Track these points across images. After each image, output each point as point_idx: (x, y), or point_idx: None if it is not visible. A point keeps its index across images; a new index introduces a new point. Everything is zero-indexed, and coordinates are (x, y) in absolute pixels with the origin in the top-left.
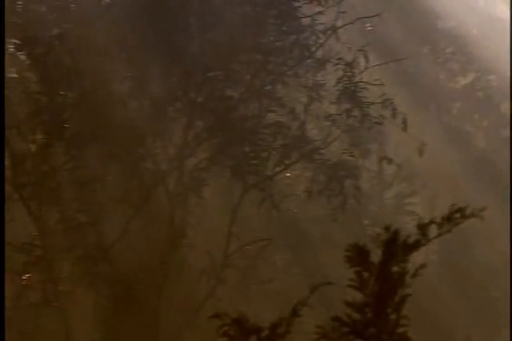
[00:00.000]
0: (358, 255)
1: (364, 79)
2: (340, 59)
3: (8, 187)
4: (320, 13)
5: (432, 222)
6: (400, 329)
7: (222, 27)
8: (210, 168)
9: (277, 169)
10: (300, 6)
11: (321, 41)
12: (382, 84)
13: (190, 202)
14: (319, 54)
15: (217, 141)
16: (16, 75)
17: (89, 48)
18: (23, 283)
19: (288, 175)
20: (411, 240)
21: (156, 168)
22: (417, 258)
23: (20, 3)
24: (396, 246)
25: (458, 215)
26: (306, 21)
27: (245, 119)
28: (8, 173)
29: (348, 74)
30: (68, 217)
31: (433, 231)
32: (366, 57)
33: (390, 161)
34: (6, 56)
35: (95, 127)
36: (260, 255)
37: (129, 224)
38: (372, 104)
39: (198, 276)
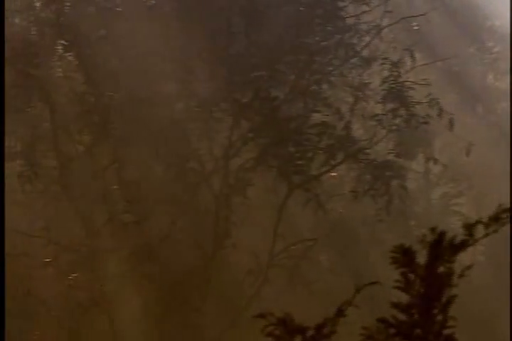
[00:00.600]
0: (404, 256)
1: (410, 79)
2: (385, 58)
3: (56, 188)
4: (365, 12)
5: (478, 222)
6: (447, 331)
7: (267, 27)
8: (255, 168)
9: (323, 169)
10: (345, 6)
11: (366, 40)
12: (428, 84)
13: (235, 202)
14: (365, 53)
15: (263, 141)
16: (63, 76)
17: (136, 49)
18: (70, 282)
19: (333, 175)
20: (457, 240)
21: (202, 168)
22: (463, 258)
23: (68, 4)
24: (442, 248)
25: (505, 215)
26: (351, 21)
27: (290, 119)
28: (55, 173)
29: (394, 73)
30: (115, 217)
31: (480, 231)
32: (412, 57)
33: (436, 161)
34: (55, 57)
35: (141, 128)
36: (306, 255)
37: (174, 224)
38: (419, 103)
39: (243, 276)
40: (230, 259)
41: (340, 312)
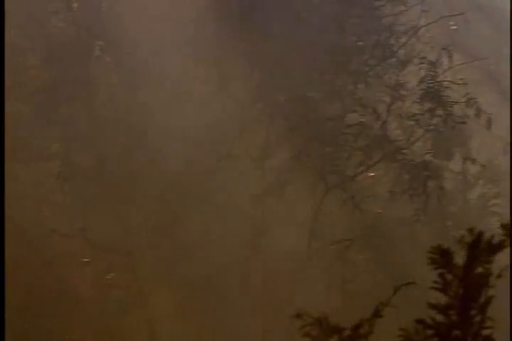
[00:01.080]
0: (441, 257)
1: (448, 79)
2: (423, 58)
3: (93, 188)
4: (402, 12)
5: None
6: (485, 332)
7: (304, 27)
8: (291, 168)
9: (359, 169)
10: (382, 5)
11: (403, 40)
12: (466, 84)
13: (271, 203)
14: (401, 53)
15: (299, 141)
16: (99, 77)
17: (171, 50)
18: (108, 282)
19: (370, 175)
20: (495, 241)
21: (238, 169)
22: (501, 259)
23: (105, 5)
24: (480, 248)
25: None
26: (387, 20)
27: (327, 119)
28: (92, 174)
29: (432, 73)
30: (151, 217)
31: None
32: (450, 56)
33: (473, 161)
34: (92, 58)
35: (178, 128)
36: (342, 255)
37: (211, 225)
38: (456, 103)
39: (279, 276)
40: (266, 259)
41: (376, 313)
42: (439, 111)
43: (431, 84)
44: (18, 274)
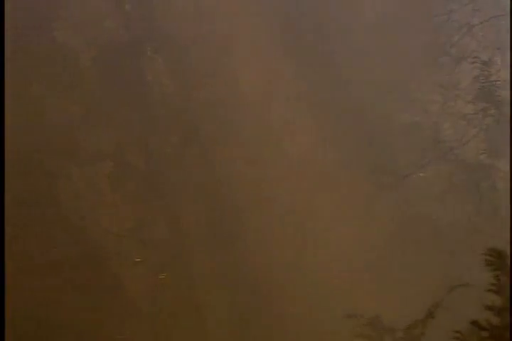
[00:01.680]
0: (497, 259)
1: (501, 78)
2: (476, 57)
3: (145, 188)
4: (454, 10)
5: None
6: None
7: (354, 27)
8: (342, 168)
9: (411, 169)
10: (434, 5)
11: (455, 39)
12: None
13: (322, 202)
14: (454, 52)
15: (350, 141)
16: (152, 78)
17: (223, 50)
18: (160, 282)
19: (422, 175)
20: None
21: (288, 169)
22: None
23: (157, 6)
24: None
25: None
26: (440, 19)
27: (379, 119)
28: (145, 174)
29: (485, 72)
30: (202, 217)
31: None
32: (503, 56)
33: None
34: (144, 59)
35: (229, 128)
36: (394, 256)
37: (262, 223)
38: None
39: (331, 277)
40: (318, 259)
41: (429, 314)
42: (492, 111)
43: (484, 84)
44: (74, 273)
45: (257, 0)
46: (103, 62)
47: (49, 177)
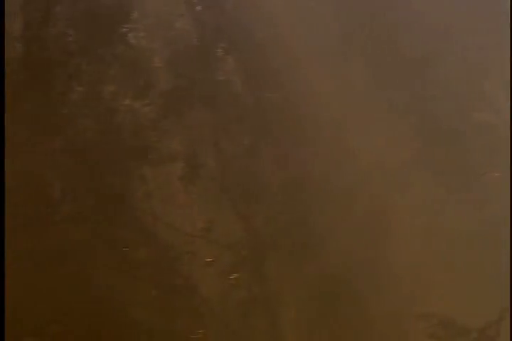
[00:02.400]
0: None
1: None
2: None
3: (216, 188)
4: None
5: None
6: None
7: (421, 25)
8: (413, 168)
9: (484, 169)
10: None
11: None
12: None
13: (393, 203)
14: None
15: (422, 140)
16: (223, 78)
17: (295, 50)
18: (231, 282)
19: (496, 175)
20: None
21: (359, 168)
22: None
23: (228, 7)
24: None
25: None
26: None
27: (449, 119)
28: (216, 174)
29: None
30: (274, 217)
31: None
32: None
33: None
34: (215, 60)
35: (299, 127)
36: (469, 256)
37: (334, 224)
38: None
39: (403, 277)
40: (390, 260)
41: (504, 316)
42: None
43: None
44: (146, 274)
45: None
46: (175, 63)
47: (121, 177)
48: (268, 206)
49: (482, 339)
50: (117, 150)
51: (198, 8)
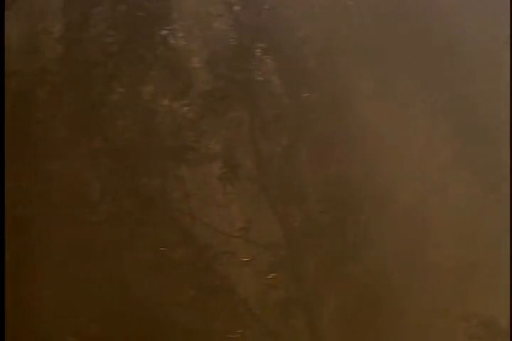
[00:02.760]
0: None
1: None
2: None
3: (254, 188)
4: None
5: None
6: None
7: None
8: (453, 168)
9: None
10: None
11: None
12: None
13: (433, 202)
14: None
15: (461, 140)
16: (261, 79)
17: (333, 50)
18: (269, 282)
19: None
20: None
21: (398, 168)
22: None
23: (266, 7)
24: None
25: None
26: None
27: (489, 119)
28: (254, 174)
29: None
30: (312, 217)
31: None
32: None
33: None
34: (254, 60)
35: (338, 128)
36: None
37: (374, 224)
38: None
39: (444, 276)
40: (429, 259)
41: None
42: None
43: None
44: (183, 273)
45: None
46: (213, 63)
47: (160, 178)
48: (306, 206)
49: None
50: (156, 151)
51: (237, 8)
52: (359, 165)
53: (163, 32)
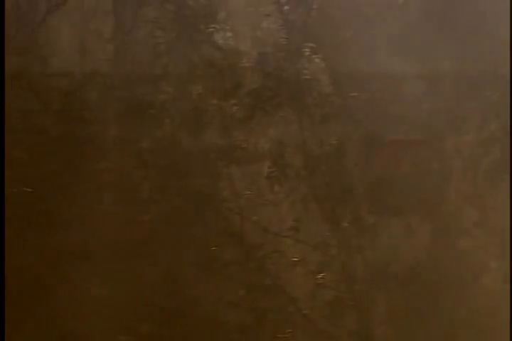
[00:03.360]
0: None
1: None
2: None
3: (303, 188)
4: None
5: None
6: None
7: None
8: (503, 168)
9: None
10: None
11: None
12: None
13: (483, 204)
14: None
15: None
16: (310, 78)
17: (382, 49)
18: (318, 282)
19: None
20: None
21: (448, 168)
22: None
23: (315, 7)
24: None
25: None
26: None
27: None
28: (303, 174)
29: None
30: (360, 218)
31: None
32: None
33: None
34: (303, 60)
35: (388, 128)
36: None
37: (421, 224)
38: None
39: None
40: (466, 259)
41: None
42: None
43: None
44: (233, 273)
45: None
46: (262, 63)
47: (209, 177)
48: (355, 206)
49: None
50: (204, 150)
51: (285, 7)
52: (408, 165)
53: (211, 31)
